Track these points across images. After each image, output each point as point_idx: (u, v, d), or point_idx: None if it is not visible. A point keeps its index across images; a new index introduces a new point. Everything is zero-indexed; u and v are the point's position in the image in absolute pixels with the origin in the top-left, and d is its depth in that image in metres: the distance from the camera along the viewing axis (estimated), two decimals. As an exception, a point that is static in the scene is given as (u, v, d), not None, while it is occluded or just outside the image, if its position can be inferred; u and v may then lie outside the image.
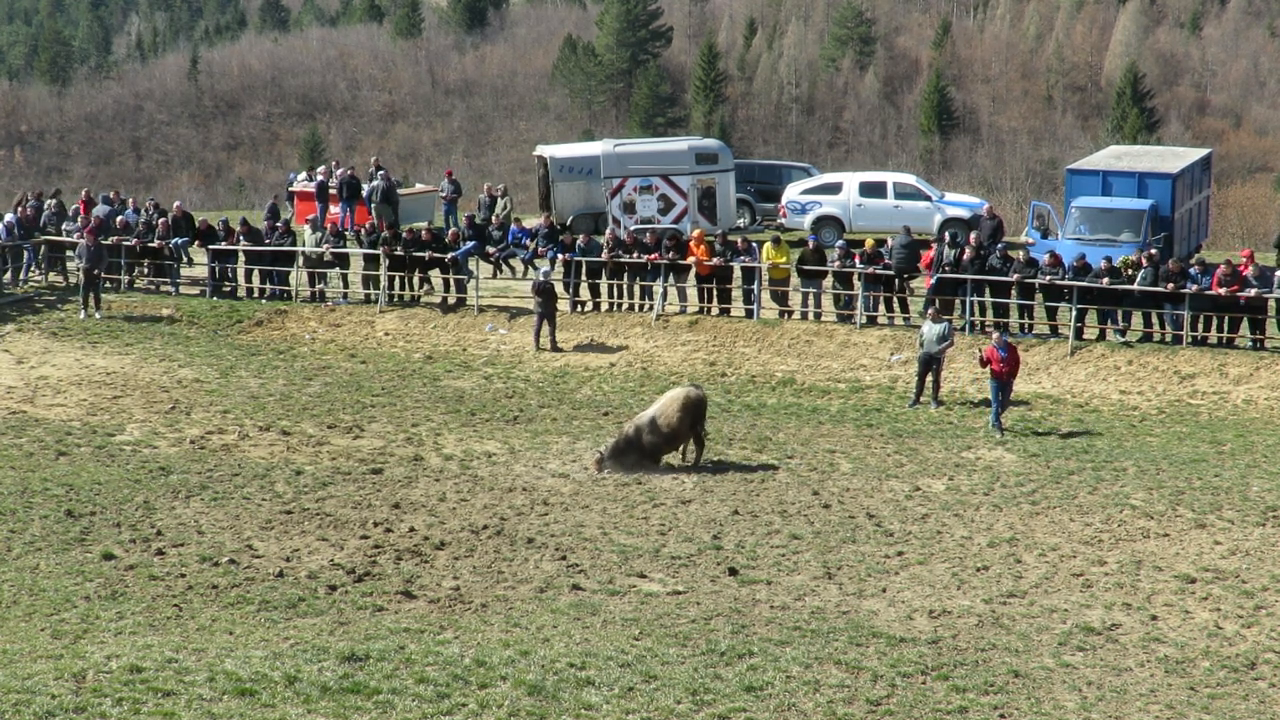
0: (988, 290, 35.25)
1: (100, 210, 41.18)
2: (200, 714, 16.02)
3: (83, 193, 44.27)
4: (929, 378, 32.02)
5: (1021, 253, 35.95)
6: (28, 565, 21.39)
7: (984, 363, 29.74)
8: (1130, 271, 34.19)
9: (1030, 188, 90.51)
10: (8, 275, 40.30)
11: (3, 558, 21.69)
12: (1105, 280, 33.80)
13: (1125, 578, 21.80)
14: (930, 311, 32.86)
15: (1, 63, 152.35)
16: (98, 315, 37.21)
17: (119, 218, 40.60)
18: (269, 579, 21.07)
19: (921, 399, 32.13)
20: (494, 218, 42.23)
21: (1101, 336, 34.41)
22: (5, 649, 17.91)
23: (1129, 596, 21.07)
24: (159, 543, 22.49)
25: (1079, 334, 34.01)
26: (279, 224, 40.61)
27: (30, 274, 40.98)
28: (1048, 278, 34.41)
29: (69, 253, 40.61)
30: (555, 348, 35.92)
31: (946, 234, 38.44)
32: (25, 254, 40.95)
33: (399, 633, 18.88)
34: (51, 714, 15.81)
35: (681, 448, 27.57)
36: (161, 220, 40.00)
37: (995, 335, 30.17)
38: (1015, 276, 34.57)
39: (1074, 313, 33.94)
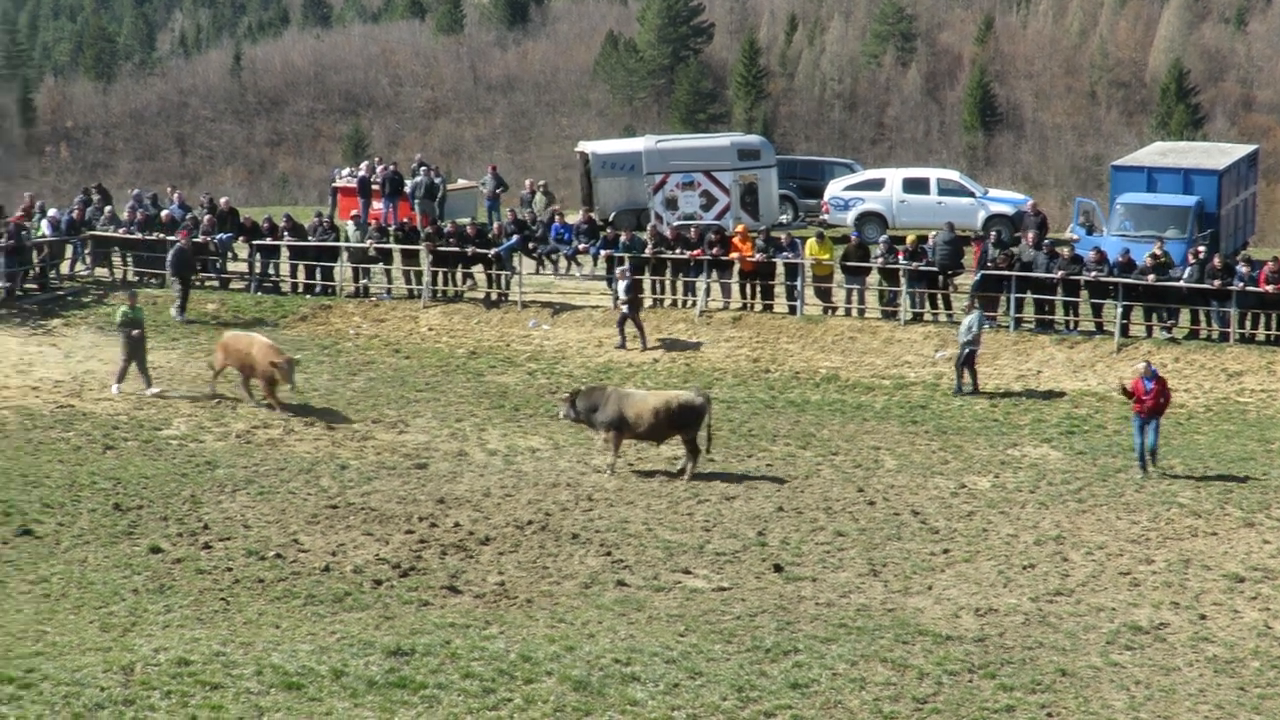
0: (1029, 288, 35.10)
1: (175, 211, 41.21)
2: (247, 707, 16.11)
3: (131, 193, 44.37)
4: (966, 368, 32.38)
5: (1066, 249, 35.79)
6: (76, 558, 21.53)
7: (1128, 394, 27.23)
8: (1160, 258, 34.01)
9: (1075, 184, 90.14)
10: (55, 270, 40.48)
11: (52, 551, 21.83)
12: (1151, 277, 33.61)
13: (1173, 576, 21.71)
14: (966, 305, 33.04)
15: (47, 59, 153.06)
16: (178, 318, 37.12)
17: (164, 212, 40.74)
18: (315, 573, 21.15)
19: (964, 388, 32.25)
20: (530, 212, 42.22)
21: (1148, 334, 34.23)
22: (55, 641, 18.03)
23: (1177, 595, 20.98)
24: (206, 536, 22.60)
25: (1125, 331, 33.84)
26: (323, 220, 40.73)
27: (77, 269, 41.17)
28: (1093, 274, 34.24)
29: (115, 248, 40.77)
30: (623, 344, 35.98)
31: (992, 232, 38.25)
32: (72, 249, 41.15)
33: (444, 627, 18.93)
34: (100, 706, 15.92)
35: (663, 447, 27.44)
36: (208, 216, 40.11)
37: (1142, 365, 27.61)
38: (1060, 273, 34.41)
39: (1119, 310, 33.77)
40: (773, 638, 18.95)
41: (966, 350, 32.12)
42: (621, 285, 35.92)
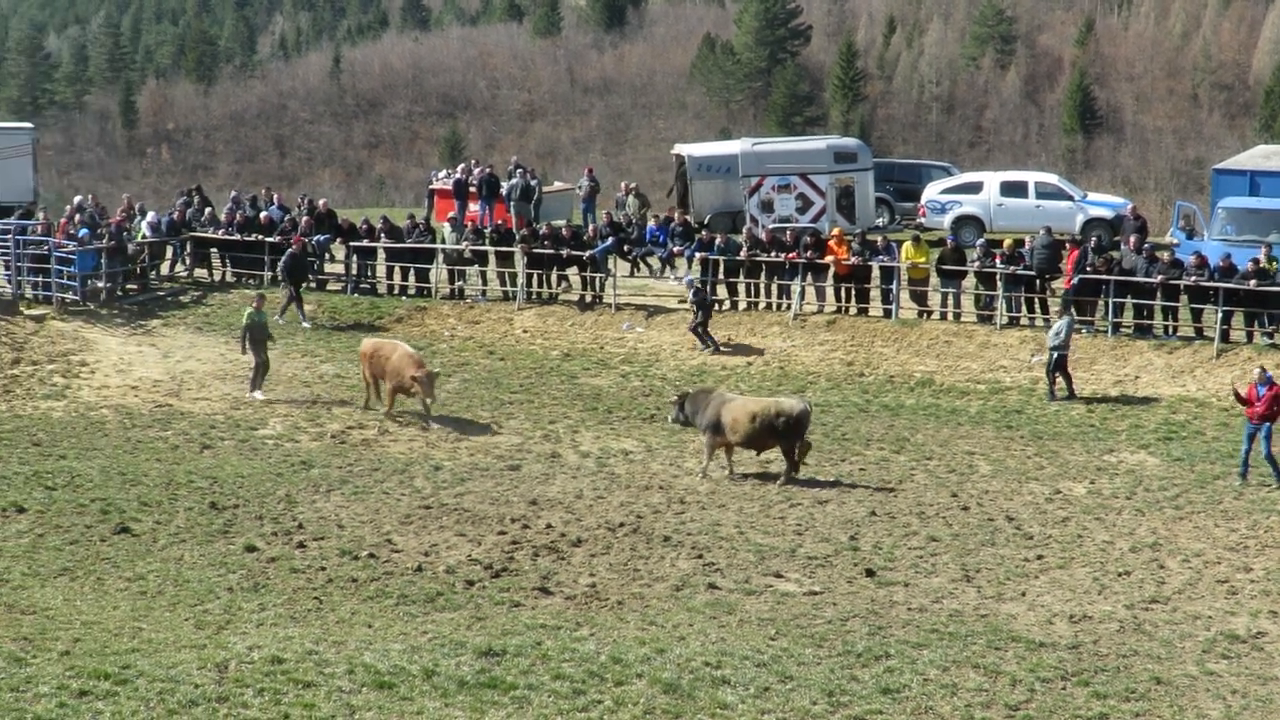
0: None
1: (273, 213, 41.58)
2: (339, 706, 16.21)
3: (230, 195, 44.83)
4: (1058, 373, 32.21)
5: (1166, 254, 35.44)
6: (173, 556, 21.78)
7: (1241, 400, 26.86)
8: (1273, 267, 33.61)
9: (1175, 188, 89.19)
10: (155, 271, 40.98)
11: (149, 549, 22.09)
12: (1252, 282, 33.21)
13: (1272, 585, 21.44)
14: (1056, 309, 32.92)
15: (149, 62, 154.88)
16: (306, 325, 37.23)
17: (263, 214, 41.13)
18: (408, 573, 21.28)
19: (1057, 394, 32.08)
20: (626, 215, 42.29)
21: (1249, 339, 33.82)
22: (150, 638, 18.23)
23: (1275, 604, 20.72)
24: (300, 536, 22.80)
25: (1225, 336, 33.45)
26: (414, 220, 40.99)
27: (176, 270, 41.65)
28: (1193, 279, 33.87)
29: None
30: (715, 348, 35.93)
31: (1091, 236, 37.88)
32: (172, 250, 41.64)
33: (535, 629, 18.98)
34: (194, 703, 16.07)
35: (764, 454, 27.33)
36: (305, 218, 40.46)
37: (1257, 371, 27.22)
38: (1159, 278, 34.07)
39: (1219, 315, 33.39)
40: (864, 642, 18.88)
41: (1056, 355, 31.90)
42: (690, 295, 36.00)
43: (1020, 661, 18.40)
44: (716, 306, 37.73)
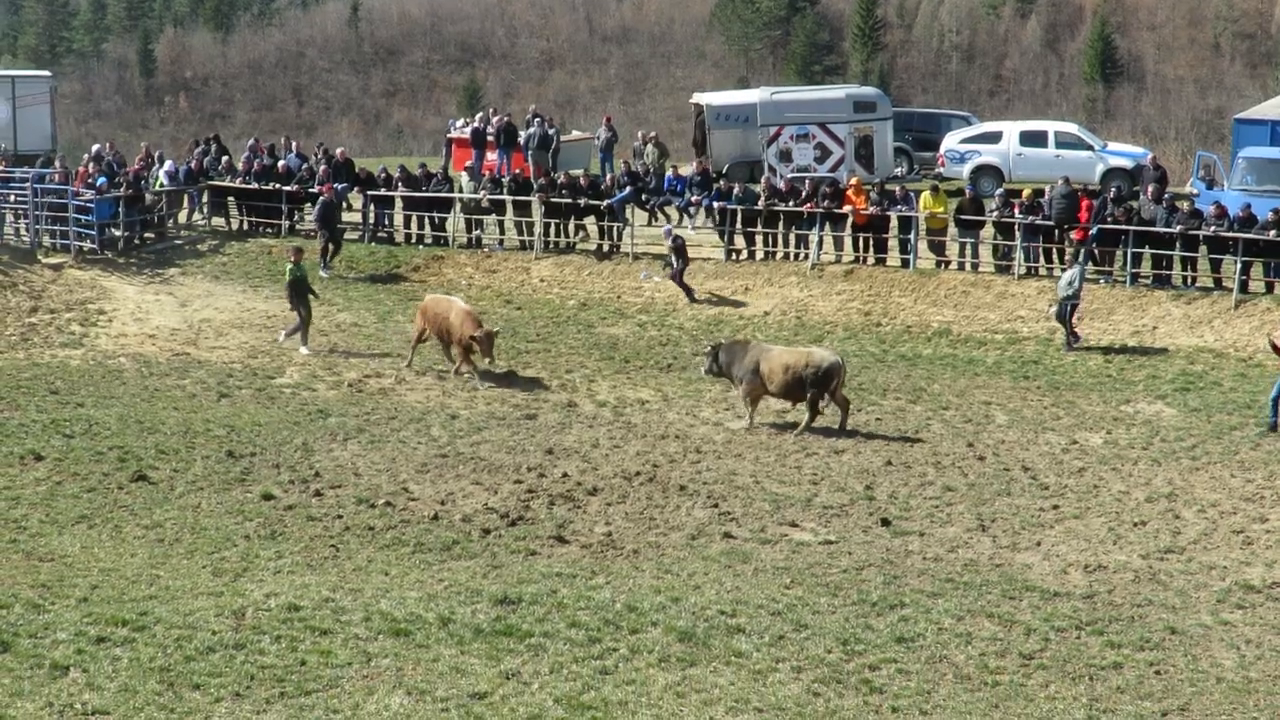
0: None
1: (291, 161, 41.57)
2: (355, 653, 16.31)
3: (247, 143, 44.76)
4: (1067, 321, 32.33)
5: (1186, 204, 35.30)
6: (190, 504, 21.85)
7: (1277, 350, 26.65)
8: None
9: (1196, 137, 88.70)
10: (173, 220, 41.00)
11: (166, 496, 22.16)
12: (1272, 233, 33.07)
13: (1287, 535, 21.44)
14: (1067, 257, 32.78)
15: (167, 10, 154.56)
16: (324, 273, 36.92)
17: (280, 163, 41.11)
18: (424, 522, 21.33)
19: (1073, 342, 32.20)
20: (644, 164, 42.21)
21: (1269, 290, 33.69)
22: (168, 585, 18.32)
23: (1291, 554, 20.72)
24: (317, 484, 22.86)
25: (1244, 287, 33.33)
26: (431, 172, 40.94)
27: (194, 218, 41.67)
28: (1212, 229, 33.74)
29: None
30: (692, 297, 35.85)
31: (1112, 186, 37.70)
32: (189, 199, 41.64)
33: (551, 577, 19.04)
34: (212, 649, 16.18)
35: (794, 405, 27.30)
36: (323, 167, 40.42)
37: None
38: (1179, 228, 33.94)
39: (1239, 265, 33.27)
40: (879, 591, 18.91)
41: (1068, 305, 31.85)
42: (668, 244, 35.91)
43: (1035, 611, 18.42)
44: (734, 256, 37.70)
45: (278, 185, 40.30)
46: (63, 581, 18.29)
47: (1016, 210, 35.47)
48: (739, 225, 37.95)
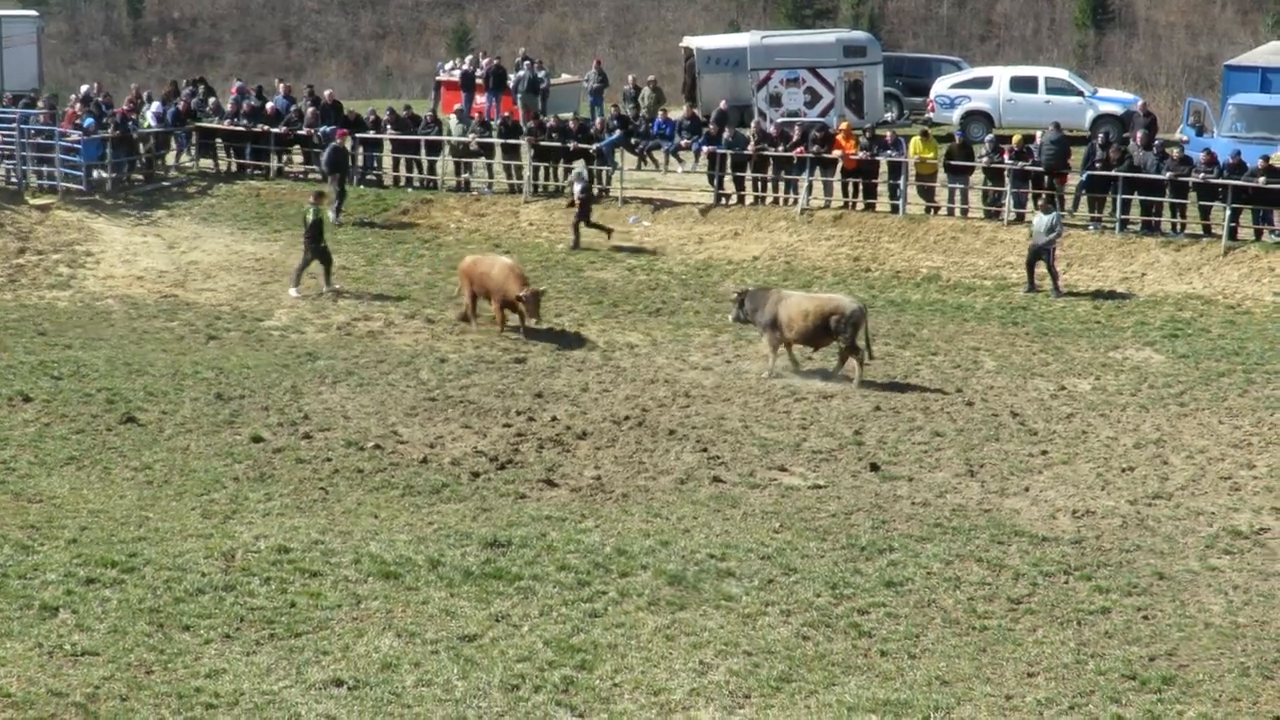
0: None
1: (279, 103, 41.36)
2: (345, 594, 16.35)
3: (235, 85, 44.49)
4: (1040, 267, 32.22)
5: (1176, 150, 35.24)
6: (179, 446, 21.82)
7: None
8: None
9: (1186, 84, 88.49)
10: (160, 161, 40.83)
11: (155, 439, 22.13)
12: (1261, 180, 33.02)
13: (1275, 481, 21.50)
14: (1040, 202, 32.70)
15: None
16: (336, 220, 36.13)
17: (269, 105, 40.92)
18: (413, 465, 21.33)
19: (1036, 286, 32.22)
20: (634, 107, 42.06)
21: (1257, 237, 33.68)
22: (157, 527, 18.33)
23: (1278, 500, 20.76)
24: (306, 427, 22.84)
25: (1233, 234, 33.30)
26: (410, 112, 40.76)
27: (182, 160, 41.50)
28: (1202, 176, 33.67)
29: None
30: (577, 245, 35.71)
31: (1100, 132, 37.60)
32: (177, 140, 41.43)
33: (540, 520, 19.07)
34: (201, 591, 16.20)
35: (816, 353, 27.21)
36: (312, 109, 40.24)
37: None
38: (1169, 175, 33.87)
39: (1228, 212, 33.22)
40: (868, 536, 18.95)
41: (1046, 249, 31.80)
42: (577, 186, 35.77)
43: (1023, 556, 18.48)
44: (723, 200, 37.60)
45: (266, 127, 40.12)
46: (51, 523, 18.29)
47: (1006, 156, 35.39)
48: (729, 170, 37.84)
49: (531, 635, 15.66)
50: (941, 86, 45.30)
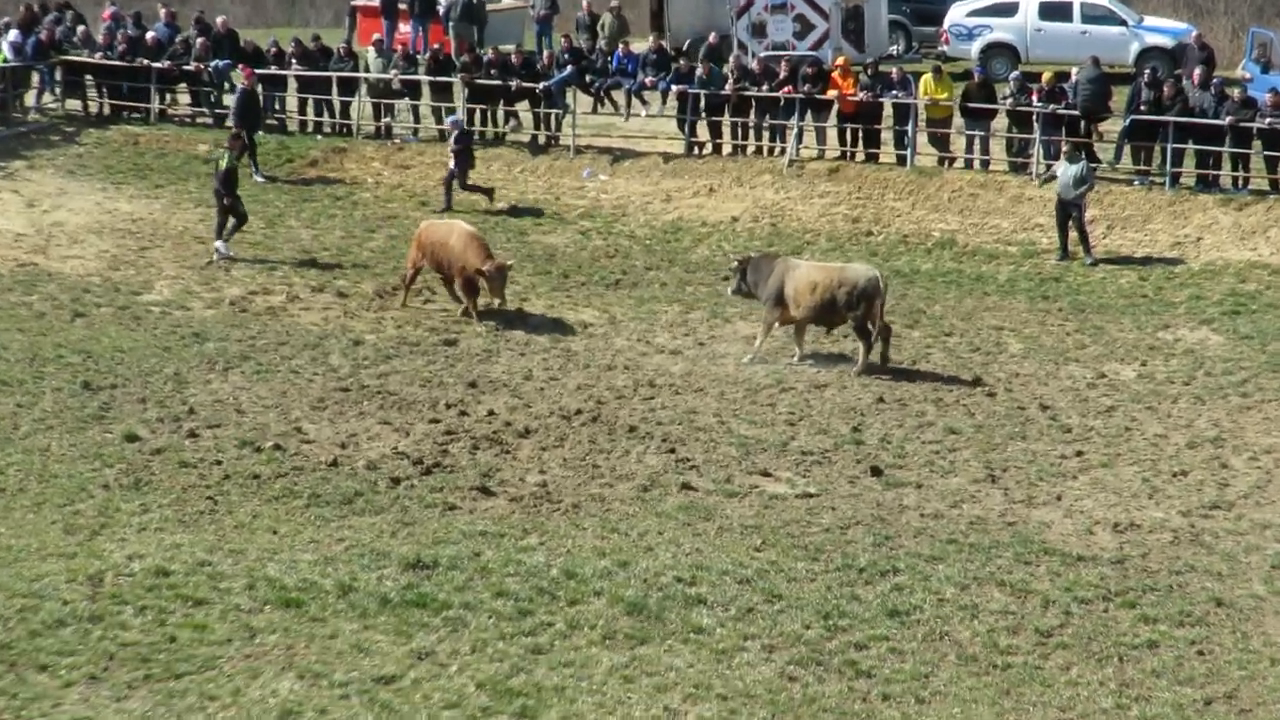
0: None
1: (160, 31, 41.16)
2: (237, 627, 16.24)
3: (108, 10, 44.22)
4: (1072, 230, 32.36)
5: (1237, 91, 35.30)
6: (37, 446, 21.66)
7: None
8: None
9: (1249, 12, 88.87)
10: (18, 102, 40.59)
11: (8, 437, 21.97)
12: (1340, 125, 33.12)
13: (1355, 489, 21.54)
14: (1065, 150, 32.73)
15: None
16: (259, 178, 36.23)
17: (149, 34, 40.68)
18: (321, 469, 21.24)
19: (1070, 253, 32.33)
20: (589, 40, 41.98)
21: (1332, 193, 33.81)
22: (10, 545, 18.20)
23: (1360, 512, 20.80)
24: (191, 423, 22.71)
25: (1306, 190, 33.46)
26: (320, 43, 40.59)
27: (44, 100, 41.24)
28: (1268, 121, 33.72)
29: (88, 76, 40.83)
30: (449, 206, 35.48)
31: (1146, 69, 37.63)
32: (38, 77, 41.15)
33: (474, 536, 19.01)
34: (63, 623, 16.08)
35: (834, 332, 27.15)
36: (201, 40, 40.00)
37: None
38: (1228, 119, 33.91)
39: (1300, 164, 33.35)
40: (868, 555, 18.91)
41: (1077, 205, 31.81)
42: (453, 135, 35.65)
43: (1054, 579, 18.44)
44: (696, 150, 37.54)
45: (145, 61, 39.89)
46: (-120, 540, 18.16)
47: (1035, 97, 35.41)
48: (703, 114, 37.77)
49: (462, 676, 15.58)
50: (957, 14, 45.31)
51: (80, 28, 42.15)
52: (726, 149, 37.75)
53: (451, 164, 35.47)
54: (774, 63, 38.46)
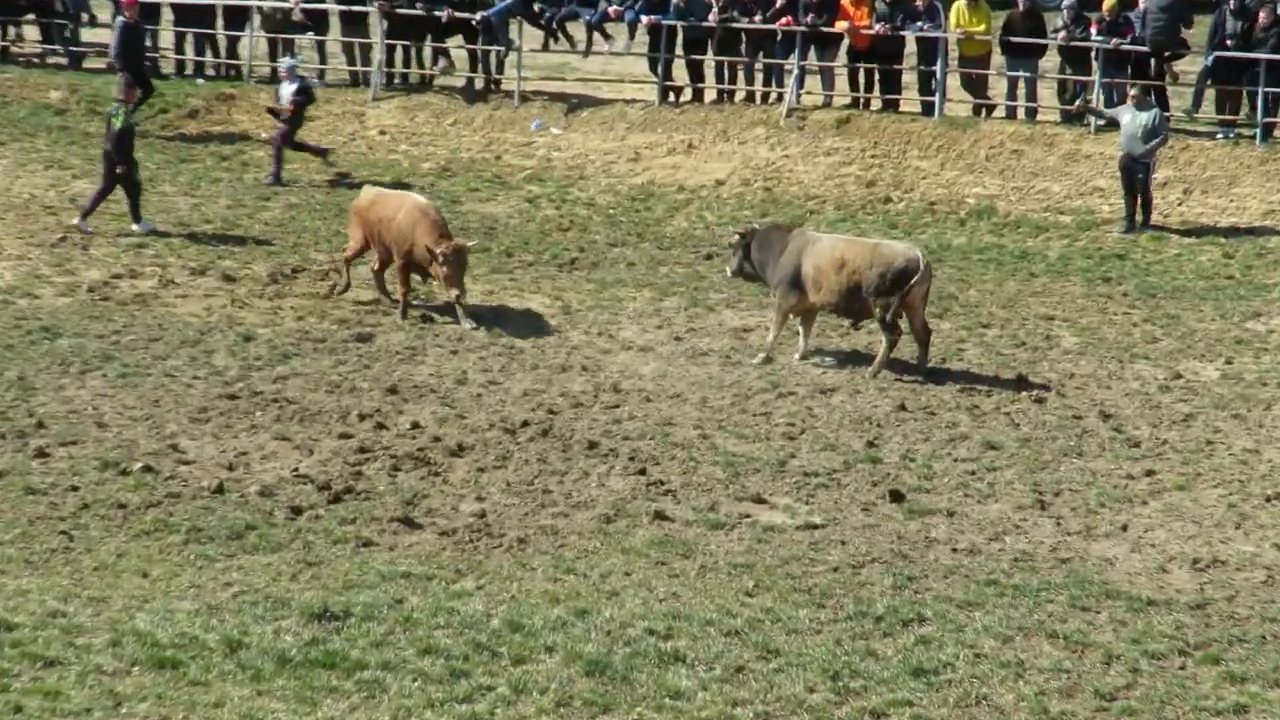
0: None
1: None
2: (98, 694, 16.16)
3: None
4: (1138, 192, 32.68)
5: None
6: None
7: None
8: None
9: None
10: None
11: None
12: None
13: None
14: (1133, 94, 32.73)
15: None
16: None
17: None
18: (203, 496, 21.18)
19: (1137, 222, 32.64)
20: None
21: None
22: None
23: None
24: (40, 439, 22.63)
25: None
26: None
27: None
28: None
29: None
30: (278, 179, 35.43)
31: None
32: None
33: (395, 579, 18.96)
34: (-121, 690, 16.02)
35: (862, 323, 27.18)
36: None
37: None
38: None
39: None
40: (886, 600, 18.91)
41: (1144, 163, 31.90)
42: (286, 90, 35.45)
43: (1119, 629, 18.47)
44: (672, 97, 37.57)
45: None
46: None
47: (1094, 29, 35.47)
48: (681, 51, 37.79)
49: (380, 754, 15.58)
50: (997, -74, 45.44)
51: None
52: (710, 95, 37.80)
53: (289, 116, 35.30)
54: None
